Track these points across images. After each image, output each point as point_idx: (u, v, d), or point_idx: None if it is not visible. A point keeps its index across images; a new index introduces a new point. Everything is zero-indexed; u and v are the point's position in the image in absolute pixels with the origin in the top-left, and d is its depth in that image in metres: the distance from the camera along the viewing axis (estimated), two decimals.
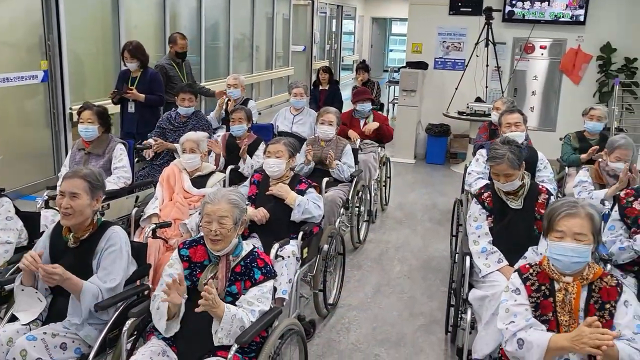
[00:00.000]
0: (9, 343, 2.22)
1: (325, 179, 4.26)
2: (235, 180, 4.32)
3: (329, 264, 3.61)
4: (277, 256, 2.98)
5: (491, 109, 5.36)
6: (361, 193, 4.74)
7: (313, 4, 13.99)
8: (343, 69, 18.16)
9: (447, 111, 7.65)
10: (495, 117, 4.78)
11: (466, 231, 3.11)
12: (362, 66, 7.60)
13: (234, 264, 2.37)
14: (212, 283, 2.19)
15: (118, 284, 2.42)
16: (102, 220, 2.55)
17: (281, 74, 12.51)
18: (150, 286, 2.69)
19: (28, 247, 2.99)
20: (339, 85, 7.67)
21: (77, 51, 6.20)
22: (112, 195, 3.75)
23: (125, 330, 2.32)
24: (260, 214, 3.30)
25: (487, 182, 3.31)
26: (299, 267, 3.23)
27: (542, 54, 7.91)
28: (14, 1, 5.46)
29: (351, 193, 4.42)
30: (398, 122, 8.32)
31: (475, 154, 4.28)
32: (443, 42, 8.21)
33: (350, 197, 4.40)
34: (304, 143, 4.59)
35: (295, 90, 5.57)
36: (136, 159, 4.48)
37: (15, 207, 3.10)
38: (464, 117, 7.39)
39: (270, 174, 3.48)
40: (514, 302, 2.17)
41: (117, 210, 3.83)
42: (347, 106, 6.09)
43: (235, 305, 2.29)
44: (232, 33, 9.82)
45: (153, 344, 2.27)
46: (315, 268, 3.49)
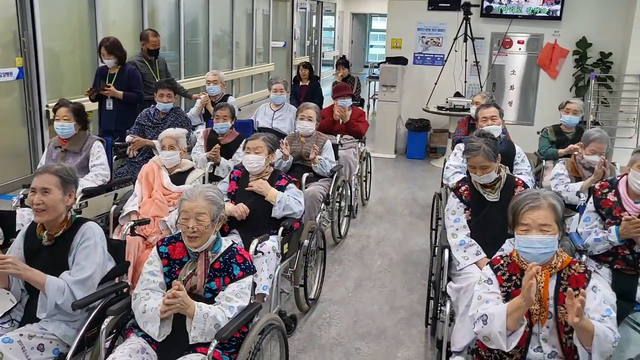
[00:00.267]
0: None
1: (305, 174, 4.24)
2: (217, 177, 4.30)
3: (310, 259, 3.62)
4: (257, 252, 2.98)
5: (470, 104, 5.41)
6: (341, 188, 4.75)
7: (293, 0, 13.95)
8: (323, 65, 18.14)
9: (427, 106, 7.70)
10: (474, 112, 4.82)
11: (445, 224, 3.15)
12: (342, 62, 7.59)
13: (213, 260, 2.37)
14: (180, 284, 2.18)
15: (89, 276, 2.37)
16: (77, 217, 2.52)
17: (261, 70, 12.47)
18: (129, 284, 2.67)
19: (4, 247, 2.95)
20: (320, 81, 7.67)
21: (53, 47, 6.10)
22: (91, 193, 3.72)
23: (103, 328, 2.29)
24: (240, 210, 3.29)
25: (465, 176, 3.34)
26: (280, 263, 3.23)
27: (520, 49, 8.01)
28: None
29: (332, 188, 4.43)
30: (378, 118, 8.35)
31: (453, 148, 4.32)
32: (422, 38, 8.27)
33: (330, 193, 4.40)
34: (284, 138, 4.58)
35: (275, 86, 5.55)
36: (114, 156, 4.43)
37: None
38: (444, 112, 7.45)
39: (249, 170, 3.47)
40: (487, 291, 2.22)
41: (96, 208, 3.80)
42: (328, 102, 6.09)
43: (214, 301, 2.29)
44: (212, 29, 9.75)
45: (132, 342, 2.26)
46: (296, 263, 3.50)
